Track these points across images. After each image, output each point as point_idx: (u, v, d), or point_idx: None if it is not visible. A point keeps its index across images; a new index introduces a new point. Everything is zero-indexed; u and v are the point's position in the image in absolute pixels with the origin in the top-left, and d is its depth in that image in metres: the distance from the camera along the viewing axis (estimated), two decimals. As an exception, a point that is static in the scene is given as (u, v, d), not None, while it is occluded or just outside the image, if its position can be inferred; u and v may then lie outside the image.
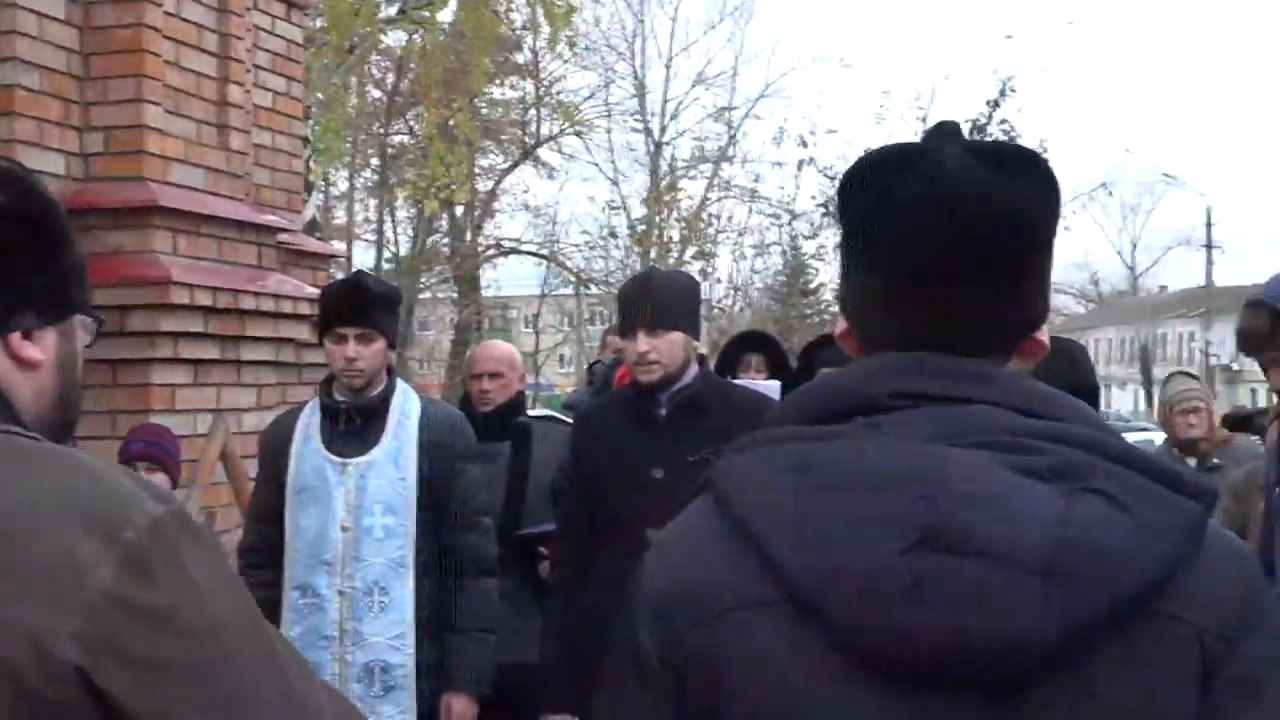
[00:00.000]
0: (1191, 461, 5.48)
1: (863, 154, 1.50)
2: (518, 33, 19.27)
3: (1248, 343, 3.43)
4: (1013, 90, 16.48)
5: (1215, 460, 5.53)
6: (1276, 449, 3.58)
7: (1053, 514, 1.27)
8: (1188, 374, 5.85)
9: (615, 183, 31.32)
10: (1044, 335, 1.48)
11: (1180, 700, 1.30)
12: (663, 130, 32.80)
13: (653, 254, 27.85)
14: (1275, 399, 3.65)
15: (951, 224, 1.37)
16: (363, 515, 4.05)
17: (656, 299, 3.85)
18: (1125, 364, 68.90)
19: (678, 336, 3.83)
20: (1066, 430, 1.36)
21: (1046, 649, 1.25)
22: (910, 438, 1.34)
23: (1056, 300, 74.52)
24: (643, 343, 3.81)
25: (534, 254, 31.63)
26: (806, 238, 28.94)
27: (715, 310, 28.97)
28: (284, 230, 6.66)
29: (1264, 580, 1.39)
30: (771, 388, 4.47)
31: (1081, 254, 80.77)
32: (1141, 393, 66.88)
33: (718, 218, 29.43)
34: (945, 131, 1.45)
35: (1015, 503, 1.28)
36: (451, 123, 20.46)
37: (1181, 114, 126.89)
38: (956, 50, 47.53)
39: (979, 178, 1.38)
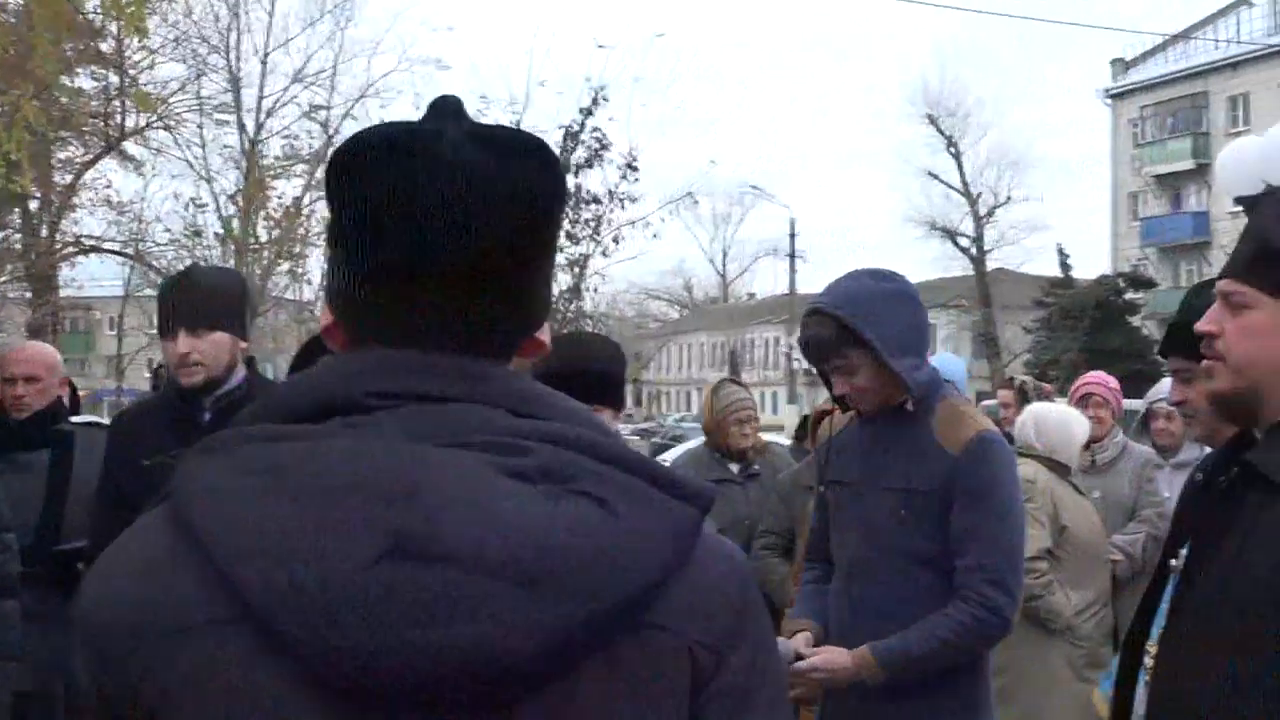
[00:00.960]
0: (734, 467, 5.62)
1: (356, 133, 1.36)
2: (90, 18, 18.23)
3: (813, 351, 3.47)
4: (605, 99, 16.73)
5: (755, 467, 5.69)
6: (824, 450, 3.67)
7: (538, 519, 1.19)
8: (736, 381, 6.02)
9: (208, 180, 30.12)
10: (545, 335, 1.39)
11: (671, 714, 1.23)
12: (258, 128, 31.80)
13: (247, 256, 26.97)
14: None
15: (446, 213, 1.27)
16: None
17: (198, 298, 3.63)
18: (716, 368, 71.53)
19: (221, 337, 3.62)
20: (558, 430, 1.27)
21: (528, 664, 1.16)
22: (389, 438, 1.23)
23: (652, 306, 77.35)
24: (184, 343, 3.59)
25: (117, 253, 30.07)
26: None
27: (306, 313, 28.25)
28: None
29: (756, 587, 1.34)
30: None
31: (676, 261, 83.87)
32: (731, 396, 69.65)
33: (310, 218, 28.70)
34: (445, 110, 1.34)
35: (497, 507, 1.19)
36: (18, 112, 19.14)
37: (766, 129, 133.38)
38: (551, 57, 48.12)
39: (479, 163, 1.28)
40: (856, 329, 3.35)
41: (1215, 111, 50.94)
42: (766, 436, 6.45)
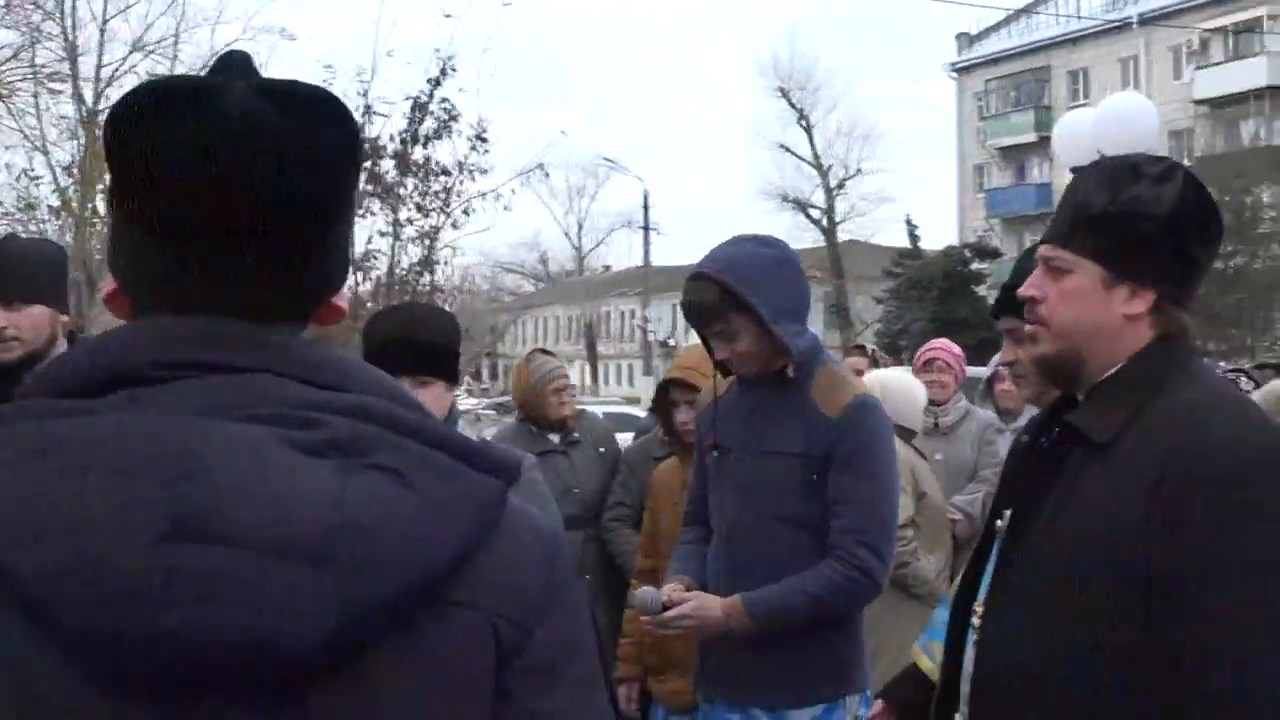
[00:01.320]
0: (554, 437, 5.60)
1: (135, 86, 1.28)
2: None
3: (696, 315, 3.48)
4: (453, 69, 16.49)
5: (575, 435, 5.68)
6: (707, 414, 3.66)
7: (329, 494, 1.13)
8: (546, 351, 5.98)
9: (43, 151, 29.15)
10: (343, 300, 1.33)
11: (475, 693, 1.19)
12: (97, 97, 30.85)
13: (85, 229, 26.17)
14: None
15: (234, 174, 1.20)
16: None
17: (13, 270, 3.49)
18: (573, 341, 71.56)
19: (40, 310, 3.49)
20: (355, 402, 1.21)
21: (321, 647, 1.11)
22: (173, 411, 1.16)
23: (507, 279, 76.92)
24: (0, 317, 3.44)
25: (-54, 228, 29.05)
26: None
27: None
28: None
29: (567, 558, 1.30)
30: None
31: (532, 234, 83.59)
32: (588, 368, 69.83)
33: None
34: (232, 65, 1.26)
35: (287, 483, 1.13)
36: None
37: (620, 101, 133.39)
38: (399, 26, 47.37)
39: (265, 119, 1.21)
40: (740, 294, 3.37)
41: (1057, 85, 52.14)
42: (624, 409, 6.43)
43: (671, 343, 66.45)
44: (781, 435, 3.46)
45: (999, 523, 2.20)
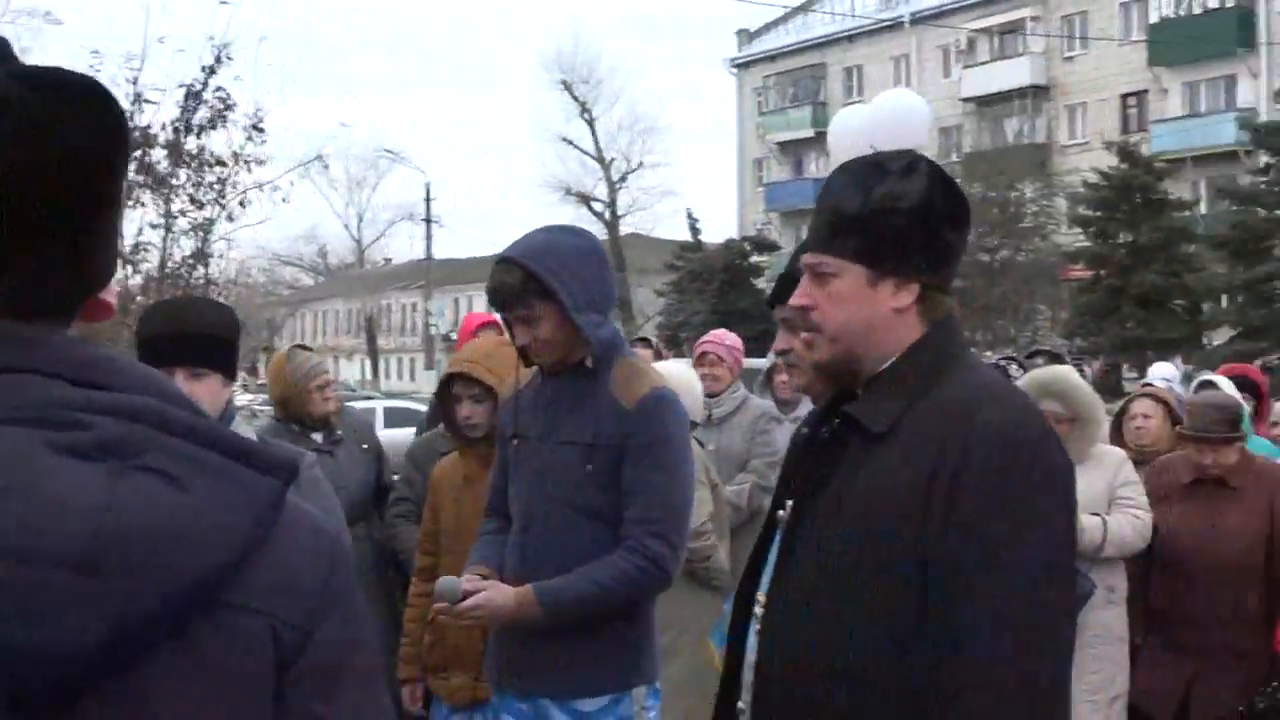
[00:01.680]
0: (318, 436, 5.52)
1: None
2: None
3: (500, 298, 3.47)
4: (229, 58, 16.06)
5: (339, 433, 5.63)
6: (511, 404, 3.65)
7: (97, 499, 1.09)
8: (305, 348, 5.88)
9: None
10: (111, 296, 1.28)
11: (254, 699, 1.16)
12: None
13: None
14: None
15: None
16: None
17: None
18: (353, 334, 70.61)
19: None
20: (124, 402, 1.16)
21: (89, 658, 1.06)
22: None
23: (285, 273, 75.39)
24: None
25: None
26: None
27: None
28: None
29: (348, 559, 1.27)
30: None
31: (310, 226, 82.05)
32: (369, 362, 68.95)
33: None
34: (-14, 51, 1.20)
35: (50, 487, 1.08)
36: None
37: (401, 93, 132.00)
38: (171, 13, 45.90)
39: (21, 106, 1.15)
40: (544, 280, 3.37)
41: (833, 82, 53.39)
42: (404, 404, 6.34)
43: (453, 336, 66.05)
44: (576, 425, 3.47)
45: (781, 513, 2.24)
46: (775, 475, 6.47)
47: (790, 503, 2.21)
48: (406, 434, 6.33)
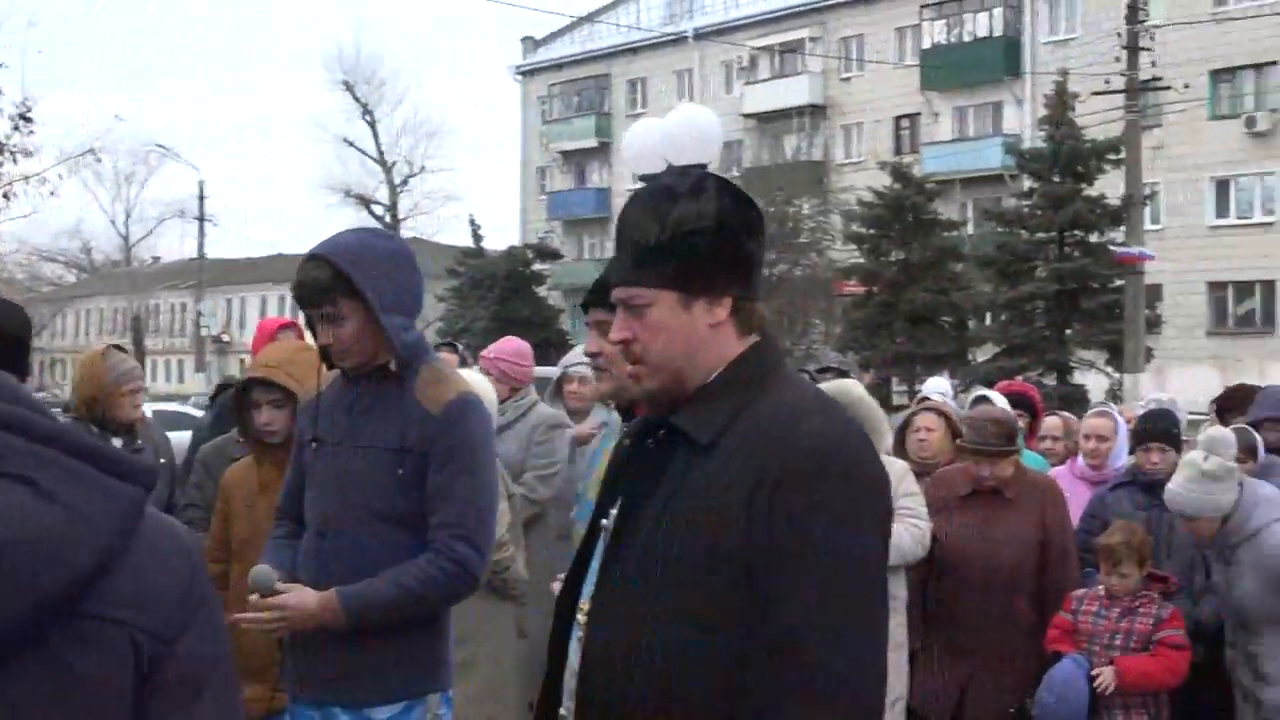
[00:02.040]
0: (118, 442, 5.37)
1: None
2: None
3: (306, 295, 3.43)
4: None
5: (139, 441, 5.51)
6: (311, 406, 3.58)
7: None
8: (120, 348, 5.74)
9: None
10: None
11: (113, 709, 1.13)
12: None
13: None
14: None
15: None
16: None
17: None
18: (118, 334, 68.17)
19: None
20: None
21: None
22: None
23: (46, 269, 72.38)
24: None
25: None
26: None
27: None
28: None
29: (205, 569, 1.26)
30: None
31: (74, 221, 78.91)
32: (136, 363, 66.53)
33: None
34: None
35: None
36: None
37: (174, 87, 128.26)
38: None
39: None
40: (352, 278, 3.35)
41: (617, 93, 53.78)
42: (171, 406, 6.18)
43: (225, 338, 64.40)
44: (380, 429, 3.44)
45: (604, 521, 2.27)
46: (546, 488, 6.53)
47: (614, 511, 2.24)
48: (177, 437, 6.17)
